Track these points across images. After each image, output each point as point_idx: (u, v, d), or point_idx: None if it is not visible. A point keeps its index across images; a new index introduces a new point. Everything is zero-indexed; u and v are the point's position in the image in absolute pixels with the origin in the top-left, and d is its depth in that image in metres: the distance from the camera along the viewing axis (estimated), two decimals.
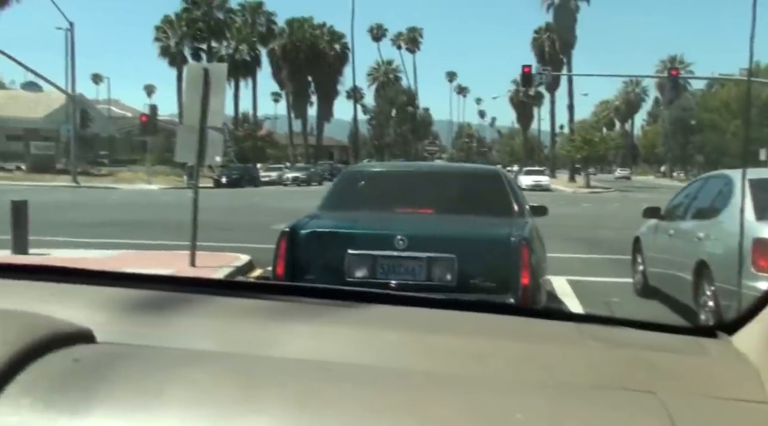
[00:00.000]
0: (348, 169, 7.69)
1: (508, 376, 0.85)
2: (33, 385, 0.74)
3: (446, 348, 0.91)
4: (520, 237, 5.15)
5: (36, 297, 1.00)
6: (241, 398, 0.73)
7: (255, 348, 0.89)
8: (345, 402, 0.73)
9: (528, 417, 0.72)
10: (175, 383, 0.75)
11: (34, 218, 10.92)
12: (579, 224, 18.82)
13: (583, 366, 0.88)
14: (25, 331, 0.81)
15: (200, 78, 9.00)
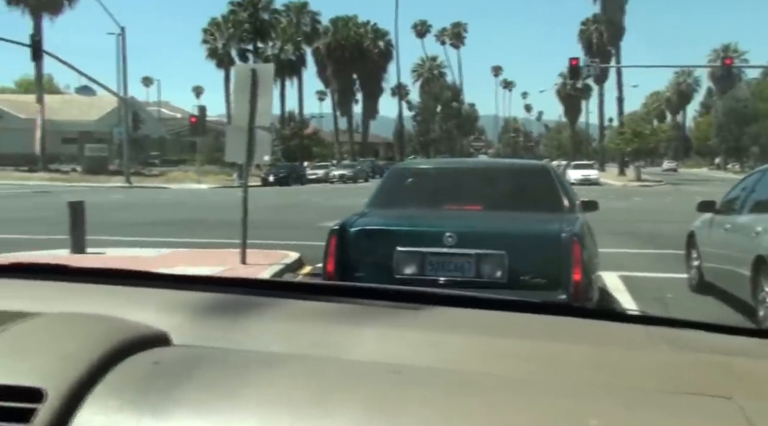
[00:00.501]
0: (396, 167, 7.69)
1: (577, 379, 0.83)
2: (119, 387, 0.77)
3: (513, 351, 0.90)
4: (571, 233, 5.08)
5: (113, 301, 1.04)
6: (315, 401, 0.73)
7: (325, 350, 0.90)
8: (418, 406, 0.73)
9: (602, 423, 0.70)
10: (252, 386, 0.77)
11: (90, 218, 11.22)
12: (630, 219, 18.47)
13: (654, 370, 0.86)
14: (108, 334, 0.85)
15: (248, 79, 9.11)
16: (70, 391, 0.75)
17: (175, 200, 26.80)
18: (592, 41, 73.19)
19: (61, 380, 0.76)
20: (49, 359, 0.80)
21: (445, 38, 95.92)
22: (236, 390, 0.76)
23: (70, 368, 0.78)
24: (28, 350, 0.82)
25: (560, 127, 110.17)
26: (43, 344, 0.83)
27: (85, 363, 0.79)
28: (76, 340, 0.84)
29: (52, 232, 12.56)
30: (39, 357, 0.81)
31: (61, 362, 0.79)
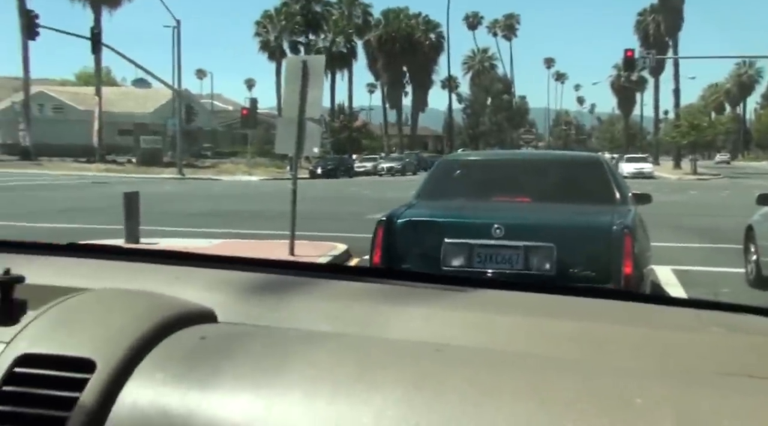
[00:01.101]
0: (444, 158, 7.65)
1: (625, 361, 0.82)
2: (165, 361, 0.79)
3: (559, 332, 0.90)
4: (623, 225, 4.98)
5: (161, 279, 1.07)
6: (357, 377, 0.74)
7: (369, 330, 0.91)
8: (461, 384, 0.73)
9: (647, 402, 0.69)
10: (295, 361, 0.78)
11: (144, 209, 11.48)
12: (685, 212, 18.03)
13: (705, 352, 0.84)
14: (155, 310, 0.87)
15: (299, 71, 9.17)
16: (119, 363, 0.78)
17: (226, 192, 27.24)
18: (649, 32, 71.46)
19: (110, 353, 0.79)
20: (100, 332, 0.83)
21: (497, 30, 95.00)
22: (280, 365, 0.77)
23: (119, 341, 0.81)
24: (80, 323, 0.85)
25: (613, 119, 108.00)
26: (94, 318, 0.86)
27: (133, 337, 0.81)
28: (125, 314, 0.86)
29: (107, 222, 12.91)
30: (90, 330, 0.84)
31: (111, 335, 0.82)
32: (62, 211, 16.74)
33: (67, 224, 13.71)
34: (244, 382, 0.76)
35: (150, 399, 0.75)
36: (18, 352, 0.80)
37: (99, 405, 0.74)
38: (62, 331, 0.84)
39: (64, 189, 26.37)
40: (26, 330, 0.83)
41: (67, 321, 0.86)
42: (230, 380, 0.76)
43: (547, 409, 0.69)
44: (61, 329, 0.84)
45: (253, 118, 39.26)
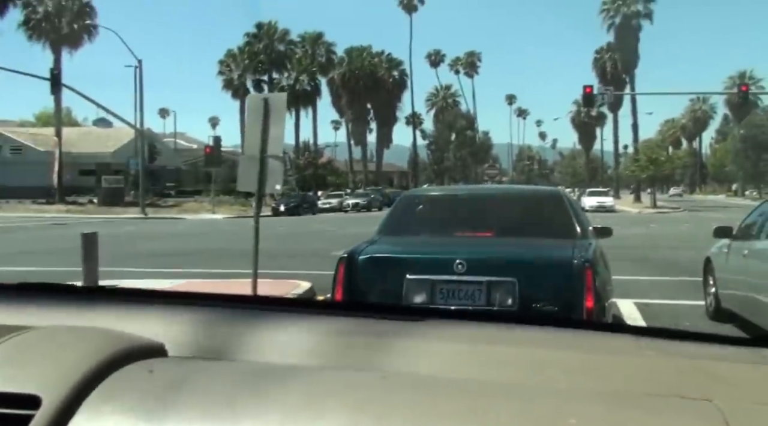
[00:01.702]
0: (405, 194, 7.65)
1: (563, 384, 0.85)
2: (113, 395, 0.80)
3: (502, 359, 0.92)
4: (584, 259, 5.00)
5: (112, 317, 1.08)
6: (305, 406, 0.76)
7: (317, 360, 0.94)
8: (403, 409, 0.75)
9: (581, 422, 0.72)
10: (244, 393, 0.79)
11: (105, 250, 11.26)
12: (646, 245, 18.29)
13: (638, 375, 0.88)
14: (104, 345, 0.88)
15: (260, 108, 9.14)
16: (65, 398, 0.78)
17: (189, 231, 26.92)
18: (606, 69, 73.34)
19: (56, 388, 0.79)
20: (46, 368, 0.83)
21: (459, 67, 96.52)
22: (229, 397, 0.78)
23: (66, 376, 0.81)
24: (25, 360, 0.84)
25: (575, 154, 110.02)
26: (41, 354, 0.86)
27: (80, 371, 0.81)
28: (73, 350, 0.87)
29: (66, 264, 12.62)
30: (37, 366, 0.83)
31: (57, 370, 0.82)
32: (19, 254, 16.33)
33: (24, 267, 13.37)
34: (192, 414, 0.76)
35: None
36: None
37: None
38: (7, 368, 0.83)
39: (22, 231, 25.80)
40: None
41: (12, 358, 0.85)
42: (178, 412, 0.76)
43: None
44: (6, 366, 0.83)
45: (216, 157, 39.13)
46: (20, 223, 30.24)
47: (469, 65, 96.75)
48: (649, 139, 78.94)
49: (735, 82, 71.07)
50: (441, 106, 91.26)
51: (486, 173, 55.19)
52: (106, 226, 25.48)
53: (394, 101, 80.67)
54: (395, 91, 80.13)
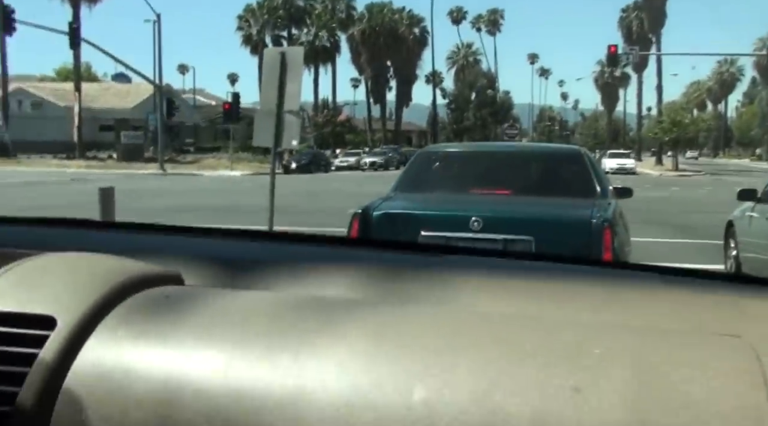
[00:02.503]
0: (423, 150, 7.53)
1: (586, 318, 0.84)
2: (128, 318, 0.80)
3: (524, 293, 0.92)
4: (603, 218, 4.89)
5: (128, 246, 1.07)
6: (321, 330, 0.75)
7: (336, 290, 0.94)
8: (422, 337, 0.74)
9: (605, 352, 0.71)
10: (259, 316, 0.79)
11: (123, 205, 11.30)
12: (666, 208, 18.08)
13: (665, 311, 0.87)
14: (120, 270, 0.89)
15: (277, 63, 9.02)
16: (80, 319, 0.78)
17: (207, 187, 27.00)
18: (632, 28, 71.86)
19: (71, 309, 0.79)
20: (62, 290, 0.83)
21: (480, 25, 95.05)
22: (244, 320, 0.78)
23: (81, 299, 0.81)
24: (41, 282, 0.85)
25: (597, 115, 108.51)
26: (56, 277, 0.86)
27: (95, 294, 0.82)
28: (88, 274, 0.87)
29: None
30: (52, 288, 0.83)
31: (73, 293, 0.82)
32: (39, 207, 16.47)
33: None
34: (207, 338, 0.76)
35: (112, 355, 0.76)
36: None
37: (59, 361, 0.75)
38: (23, 290, 0.83)
39: (42, 186, 26.02)
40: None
41: (27, 280, 0.85)
42: (192, 336, 0.76)
43: (508, 357, 0.70)
44: (21, 288, 0.83)
45: (235, 113, 38.96)
46: (41, 178, 30.50)
47: (491, 23, 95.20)
48: (673, 101, 77.77)
49: (765, 43, 69.38)
50: (462, 64, 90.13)
51: (506, 133, 54.52)
52: (125, 181, 25.61)
53: (414, 59, 79.79)
54: (416, 49, 79.18)
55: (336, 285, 0.95)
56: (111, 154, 47.00)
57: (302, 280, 0.97)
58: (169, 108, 41.84)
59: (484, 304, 0.89)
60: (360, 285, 0.95)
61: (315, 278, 0.97)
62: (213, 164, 43.98)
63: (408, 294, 0.91)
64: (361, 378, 0.70)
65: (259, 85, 39.29)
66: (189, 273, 0.97)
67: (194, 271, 0.98)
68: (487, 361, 0.70)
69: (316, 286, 0.95)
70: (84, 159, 44.60)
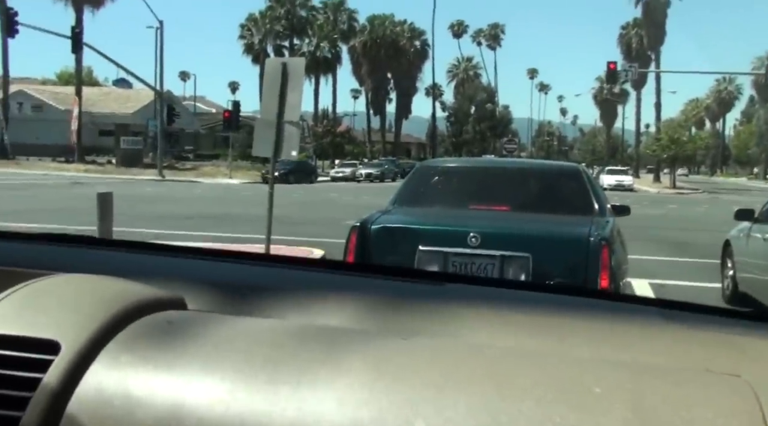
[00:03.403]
0: (422, 164, 7.55)
1: (585, 353, 0.84)
2: (131, 344, 0.80)
3: (523, 325, 0.91)
4: (601, 237, 4.90)
5: (131, 268, 1.07)
6: (323, 362, 0.75)
7: (337, 319, 0.94)
8: (423, 370, 0.74)
9: (606, 391, 0.70)
10: (262, 346, 0.79)
11: (121, 211, 11.28)
12: (663, 225, 18.10)
13: (664, 347, 0.86)
14: (124, 294, 0.88)
15: (278, 72, 9.03)
16: (84, 344, 0.78)
17: (205, 194, 26.99)
18: (632, 45, 72.21)
19: (76, 334, 0.79)
20: (66, 314, 0.82)
21: (481, 39, 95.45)
22: (246, 349, 0.78)
23: (85, 323, 0.80)
24: (45, 305, 0.85)
25: (595, 131, 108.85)
26: (61, 300, 0.86)
27: (99, 319, 0.81)
28: (93, 298, 0.87)
29: (81, 223, 12.68)
30: (56, 312, 0.83)
31: (78, 318, 0.81)
32: (36, 211, 16.44)
33: (39, 224, 13.45)
34: (210, 365, 0.76)
35: (114, 381, 0.76)
36: None
37: (62, 386, 0.75)
38: (27, 313, 0.83)
39: (40, 188, 25.99)
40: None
41: (32, 303, 0.85)
42: (195, 363, 0.76)
43: (505, 394, 0.70)
44: (26, 311, 0.83)
45: (235, 121, 39.02)
46: (38, 181, 30.47)
47: (492, 37, 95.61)
48: (671, 118, 78.10)
49: (763, 62, 69.66)
50: (462, 78, 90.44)
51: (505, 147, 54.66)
52: (123, 186, 25.60)
53: (414, 71, 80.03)
54: (416, 62, 79.44)
55: (337, 313, 0.95)
56: (110, 158, 46.98)
57: (304, 308, 0.97)
58: (170, 114, 41.86)
59: (484, 336, 0.88)
60: (361, 314, 0.95)
61: (316, 305, 0.97)
62: (212, 172, 44.00)
63: (409, 325, 0.91)
64: (361, 411, 0.69)
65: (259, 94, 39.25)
66: (191, 297, 0.96)
67: (197, 295, 0.98)
68: (486, 397, 0.70)
69: (318, 313, 0.95)
70: (83, 163, 44.58)
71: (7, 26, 30.13)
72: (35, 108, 58.38)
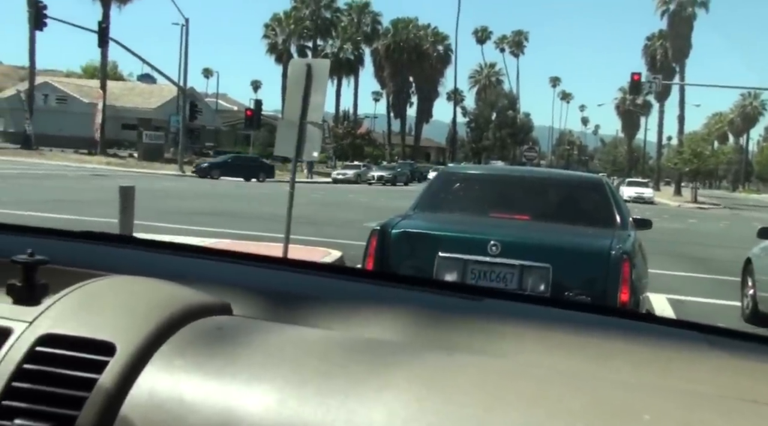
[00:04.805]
0: (444, 170, 7.53)
1: (630, 377, 0.84)
2: (184, 348, 0.81)
3: (567, 345, 0.91)
4: (622, 250, 4.86)
5: (177, 270, 1.09)
6: (371, 376, 0.75)
7: (382, 332, 0.94)
8: (471, 388, 0.74)
9: (656, 418, 0.69)
10: (311, 357, 0.80)
11: (141, 204, 11.37)
12: (683, 240, 17.94)
13: (709, 375, 0.85)
14: (175, 298, 0.90)
15: (303, 73, 9.06)
16: (138, 347, 0.79)
17: (224, 191, 27.13)
18: (656, 57, 71.75)
19: (131, 337, 0.80)
20: (121, 316, 0.84)
21: (504, 46, 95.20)
22: (295, 359, 0.79)
23: (139, 326, 0.82)
24: (101, 307, 0.86)
25: (617, 142, 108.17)
26: (115, 302, 0.88)
27: (153, 322, 0.83)
28: (146, 300, 0.88)
29: (103, 215, 12.79)
30: (111, 314, 0.84)
31: (132, 320, 0.83)
32: (57, 201, 16.61)
33: (59, 215, 13.59)
34: (260, 373, 0.77)
35: (167, 384, 0.76)
36: (40, 331, 0.81)
37: (117, 387, 0.76)
38: (84, 314, 0.84)
39: (62, 179, 26.25)
40: (49, 311, 0.84)
41: (88, 304, 0.86)
42: (246, 371, 0.77)
43: (555, 416, 0.69)
44: (82, 312, 0.85)
45: (256, 120, 39.19)
46: (61, 172, 30.79)
47: (515, 44, 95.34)
48: (694, 131, 77.30)
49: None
50: (484, 83, 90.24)
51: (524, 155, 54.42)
52: (144, 180, 25.80)
53: (436, 76, 80.00)
54: (439, 66, 79.41)
55: (380, 325, 0.95)
56: (132, 152, 47.37)
57: (348, 318, 0.97)
58: (192, 111, 42.15)
59: (527, 355, 0.88)
60: (404, 326, 0.95)
61: (360, 317, 0.98)
62: None
63: (451, 339, 0.91)
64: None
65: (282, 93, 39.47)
66: (237, 303, 0.97)
67: (242, 301, 0.99)
68: (536, 420, 0.69)
69: (362, 325, 0.95)
70: (105, 155, 44.99)
71: (36, 19, 30.49)
72: (60, 100, 59.00)
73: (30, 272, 0.88)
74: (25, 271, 0.88)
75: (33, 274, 0.88)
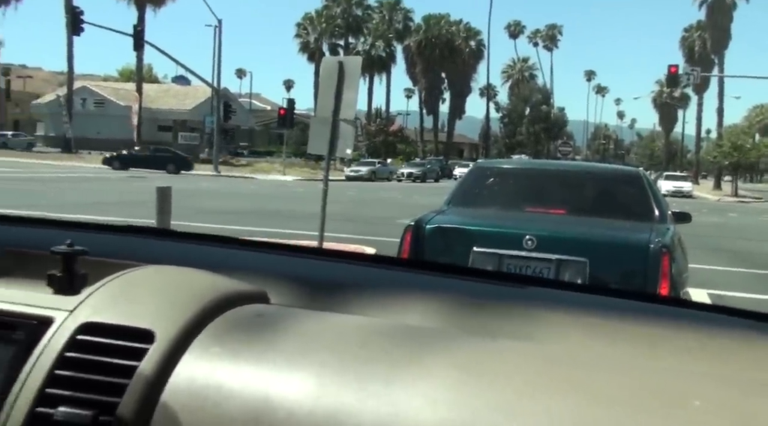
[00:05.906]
0: (477, 165, 7.49)
1: (678, 364, 0.82)
2: (222, 336, 0.81)
3: (611, 332, 0.90)
4: (661, 244, 4.77)
5: (214, 260, 1.10)
6: (411, 361, 0.75)
7: (422, 318, 0.93)
8: (514, 374, 0.73)
9: (706, 405, 0.67)
10: (350, 343, 0.80)
11: (178, 205, 11.52)
12: (723, 234, 17.58)
13: (758, 362, 0.83)
14: (213, 286, 0.91)
15: (335, 71, 9.08)
16: (177, 335, 0.80)
17: (259, 191, 27.35)
18: (694, 49, 70.38)
19: (169, 324, 0.81)
20: (160, 305, 0.85)
21: (538, 40, 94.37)
22: (334, 345, 0.79)
23: (178, 314, 0.83)
24: (140, 295, 0.87)
25: (654, 136, 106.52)
26: (154, 291, 0.89)
27: (191, 310, 0.84)
28: (184, 289, 0.89)
29: (139, 216, 12.99)
30: (150, 302, 0.86)
31: (170, 308, 0.84)
32: (95, 203, 16.92)
33: (99, 216, 13.83)
34: (299, 360, 0.77)
35: (206, 372, 0.77)
36: (80, 320, 0.83)
37: (157, 374, 0.77)
38: (123, 303, 0.85)
39: (101, 182, 26.73)
40: (88, 300, 0.86)
41: (127, 293, 0.88)
42: (285, 357, 0.77)
43: (602, 404, 0.68)
44: (121, 301, 0.86)
45: (289, 119, 39.44)
46: (100, 174, 31.35)
47: (548, 38, 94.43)
48: (734, 124, 75.61)
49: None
50: (517, 78, 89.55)
51: (559, 150, 53.86)
52: (180, 181, 26.14)
53: (469, 71, 79.57)
54: (471, 62, 78.97)
55: (418, 312, 0.94)
56: None
57: (386, 306, 0.96)
58: (226, 111, 42.57)
59: (570, 342, 0.87)
60: (442, 313, 0.94)
61: (398, 304, 0.97)
62: (266, 168, 44.57)
63: (491, 326, 0.90)
64: (453, 413, 0.68)
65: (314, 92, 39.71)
66: (274, 291, 0.98)
67: (279, 289, 0.99)
68: (581, 406, 0.68)
69: (399, 312, 0.94)
70: None
71: (73, 25, 31.07)
72: (97, 103, 60.09)
73: (70, 262, 0.90)
74: (64, 262, 0.90)
75: (73, 264, 0.90)
